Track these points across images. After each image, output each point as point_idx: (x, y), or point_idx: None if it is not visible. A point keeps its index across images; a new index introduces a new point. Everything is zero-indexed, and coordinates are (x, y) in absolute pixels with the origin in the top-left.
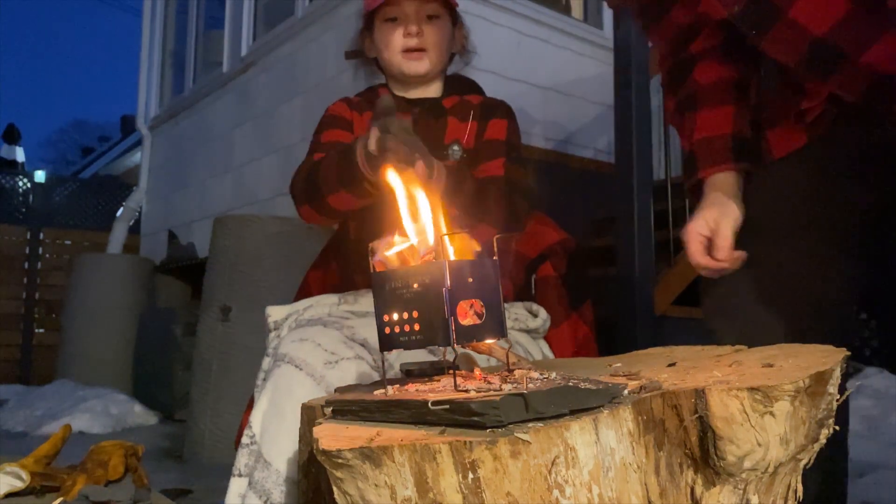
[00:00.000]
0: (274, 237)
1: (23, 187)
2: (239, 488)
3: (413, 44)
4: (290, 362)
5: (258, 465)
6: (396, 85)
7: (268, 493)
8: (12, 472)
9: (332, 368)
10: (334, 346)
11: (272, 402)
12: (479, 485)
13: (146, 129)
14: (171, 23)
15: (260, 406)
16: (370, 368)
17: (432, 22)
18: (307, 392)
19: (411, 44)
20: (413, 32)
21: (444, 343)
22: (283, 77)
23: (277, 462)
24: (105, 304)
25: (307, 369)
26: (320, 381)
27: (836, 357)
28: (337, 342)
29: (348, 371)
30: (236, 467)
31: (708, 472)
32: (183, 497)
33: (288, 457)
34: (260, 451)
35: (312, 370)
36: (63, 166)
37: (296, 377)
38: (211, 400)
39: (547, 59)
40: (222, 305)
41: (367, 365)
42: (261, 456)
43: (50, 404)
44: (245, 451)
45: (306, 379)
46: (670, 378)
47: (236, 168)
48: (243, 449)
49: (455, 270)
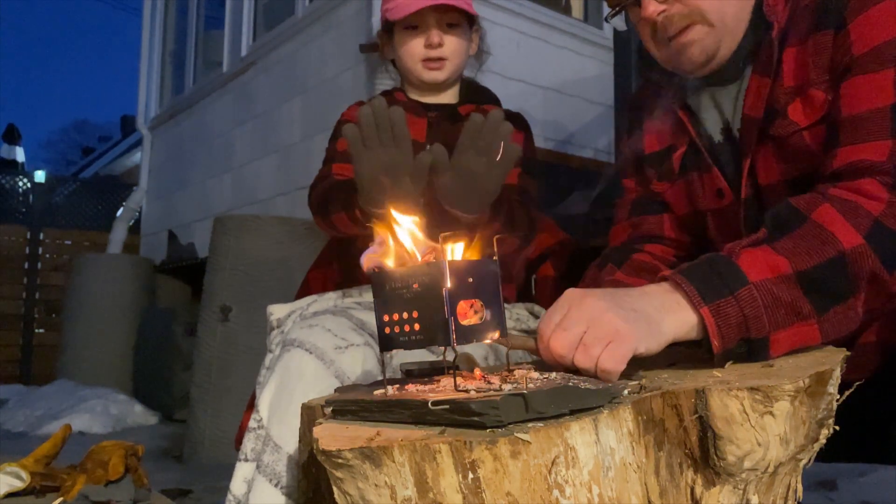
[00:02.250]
0: (274, 237)
1: (23, 187)
2: (245, 473)
3: (434, 54)
4: (300, 346)
5: (266, 449)
6: (413, 90)
7: (279, 476)
8: (12, 472)
9: (343, 353)
10: (344, 332)
11: (281, 386)
12: (479, 485)
13: (146, 129)
14: (171, 23)
15: (269, 389)
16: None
17: (452, 31)
18: (316, 375)
19: (433, 54)
20: (434, 44)
21: (444, 343)
22: (283, 77)
23: (288, 446)
24: (105, 304)
25: (317, 353)
26: (330, 365)
27: (836, 357)
28: (346, 328)
29: (357, 357)
30: (242, 452)
31: (708, 472)
32: (183, 497)
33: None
34: (269, 434)
35: (322, 354)
36: (63, 166)
37: (305, 360)
38: (211, 400)
39: (547, 59)
40: (222, 305)
41: (376, 355)
42: (269, 439)
43: (50, 404)
44: (252, 434)
45: (316, 362)
46: (670, 378)
47: (236, 168)
48: (250, 433)
49: (455, 271)
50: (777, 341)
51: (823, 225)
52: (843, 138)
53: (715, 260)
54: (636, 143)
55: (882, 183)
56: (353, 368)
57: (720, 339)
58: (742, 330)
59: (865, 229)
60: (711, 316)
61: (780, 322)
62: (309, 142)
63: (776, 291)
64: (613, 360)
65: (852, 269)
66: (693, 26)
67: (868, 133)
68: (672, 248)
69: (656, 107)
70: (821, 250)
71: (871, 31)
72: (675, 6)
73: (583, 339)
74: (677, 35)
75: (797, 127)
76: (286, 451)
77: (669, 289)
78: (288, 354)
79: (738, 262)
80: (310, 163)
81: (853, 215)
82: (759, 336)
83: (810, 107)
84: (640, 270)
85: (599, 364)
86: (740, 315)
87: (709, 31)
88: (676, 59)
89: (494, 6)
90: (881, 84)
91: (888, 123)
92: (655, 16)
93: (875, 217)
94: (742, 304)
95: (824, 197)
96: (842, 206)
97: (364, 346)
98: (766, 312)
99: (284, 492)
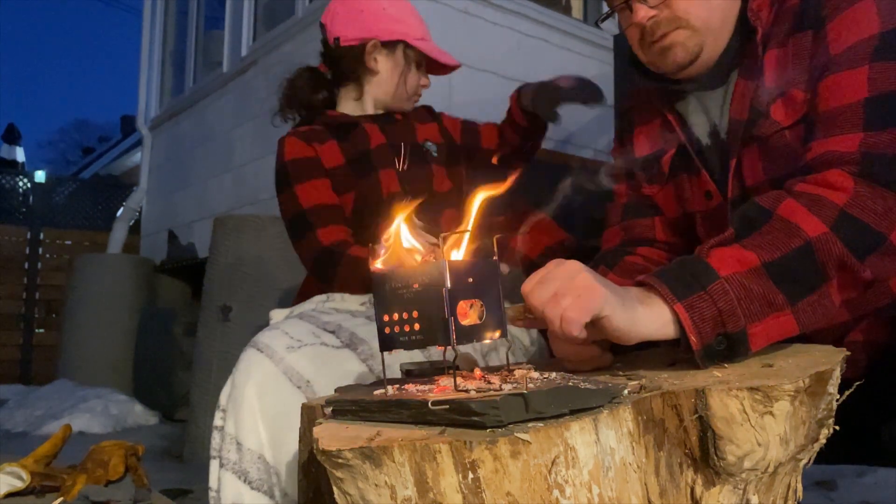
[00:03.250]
0: (274, 237)
1: (23, 187)
2: (217, 467)
3: (423, 91)
4: (254, 346)
5: (227, 446)
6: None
7: (244, 472)
8: (12, 472)
9: (293, 352)
10: (301, 334)
11: (234, 384)
12: (479, 485)
13: (146, 129)
14: (171, 23)
15: (226, 389)
16: (334, 350)
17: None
18: (265, 373)
19: (422, 92)
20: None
21: (444, 343)
22: (283, 77)
23: (248, 441)
24: (105, 304)
25: (267, 352)
26: (279, 363)
27: (836, 357)
28: (305, 331)
29: (306, 354)
30: (213, 448)
31: (708, 472)
32: (183, 497)
33: (255, 435)
34: (226, 431)
35: (272, 353)
36: (63, 166)
37: (256, 359)
38: (211, 400)
39: (547, 59)
40: (222, 305)
41: (331, 348)
42: (228, 436)
43: (50, 404)
44: (216, 433)
45: (265, 360)
46: (670, 378)
47: (236, 168)
48: (215, 431)
49: (455, 270)
50: (755, 334)
51: (788, 218)
52: (817, 133)
53: (685, 260)
54: (626, 148)
55: (849, 173)
56: (302, 365)
57: (697, 334)
58: (718, 324)
59: (831, 220)
60: (685, 311)
61: (754, 314)
62: None
63: (747, 284)
64: (577, 310)
65: (819, 257)
66: (677, 29)
67: (839, 126)
68: (664, 250)
69: (645, 111)
70: (787, 242)
71: (847, 30)
72: (663, 11)
73: (555, 291)
74: (660, 38)
75: (779, 126)
76: (246, 446)
77: (645, 291)
78: (244, 355)
79: (707, 260)
80: None
81: (818, 208)
82: (736, 330)
83: (791, 106)
84: (633, 272)
85: (563, 313)
86: (714, 309)
87: (691, 34)
88: (661, 60)
89: (494, 6)
90: (856, 80)
91: (860, 117)
92: (645, 21)
93: (840, 207)
94: (715, 297)
95: (789, 192)
96: (806, 200)
97: (319, 344)
98: (739, 305)
99: (254, 486)
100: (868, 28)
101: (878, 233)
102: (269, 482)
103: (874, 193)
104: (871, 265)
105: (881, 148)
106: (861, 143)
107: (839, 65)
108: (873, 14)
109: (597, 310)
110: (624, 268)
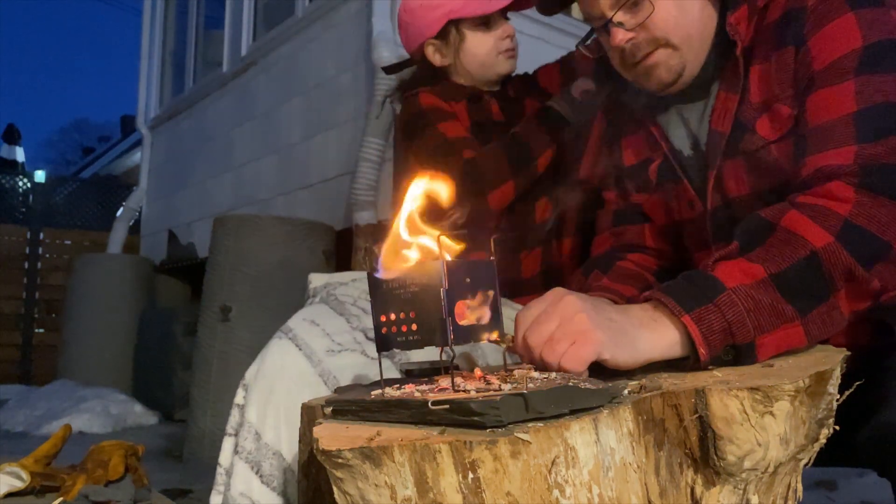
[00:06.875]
0: (274, 237)
1: (23, 187)
2: (231, 446)
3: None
4: (292, 339)
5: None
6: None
7: (259, 464)
8: (12, 472)
9: (333, 357)
10: (342, 338)
11: (263, 372)
12: (479, 485)
13: (146, 129)
14: (171, 23)
15: (252, 369)
16: (373, 362)
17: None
18: (300, 371)
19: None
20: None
21: (441, 343)
22: (283, 77)
23: (268, 436)
24: (105, 304)
25: (306, 350)
26: (317, 364)
27: (836, 357)
28: (346, 336)
29: (346, 361)
30: (229, 425)
31: (708, 472)
32: (183, 497)
33: (276, 431)
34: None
35: (311, 352)
36: (63, 166)
37: (290, 353)
38: (211, 400)
39: (547, 60)
40: (222, 305)
41: (371, 360)
42: (250, 424)
43: (50, 404)
44: (236, 410)
45: (301, 358)
46: (670, 378)
47: (236, 168)
48: (235, 409)
49: (452, 271)
50: (763, 345)
51: (792, 230)
52: (810, 148)
53: (691, 275)
54: (615, 156)
55: (849, 183)
56: (341, 372)
57: (706, 346)
58: (727, 336)
59: (836, 230)
60: (694, 323)
61: (764, 325)
62: (309, 142)
63: (755, 295)
64: (574, 360)
65: (826, 267)
66: (658, 49)
67: (833, 141)
68: (654, 257)
69: (629, 122)
70: (793, 253)
71: (829, 46)
72: (641, 33)
73: (552, 335)
74: (643, 59)
75: (765, 141)
76: (265, 440)
77: (650, 307)
78: (279, 342)
79: (714, 273)
80: (310, 163)
81: (822, 218)
82: (745, 341)
83: (777, 121)
84: (626, 277)
85: (561, 362)
86: (723, 321)
87: (672, 52)
88: (645, 80)
89: None
90: (842, 95)
91: (852, 130)
92: (623, 43)
93: (844, 217)
94: (723, 309)
95: (792, 205)
96: (810, 211)
97: (359, 353)
98: (748, 317)
99: (264, 480)
100: (850, 42)
101: (884, 241)
102: (280, 479)
103: (876, 203)
104: (878, 274)
105: (877, 159)
106: (857, 155)
107: (825, 80)
108: (854, 28)
109: (594, 357)
110: (617, 272)
